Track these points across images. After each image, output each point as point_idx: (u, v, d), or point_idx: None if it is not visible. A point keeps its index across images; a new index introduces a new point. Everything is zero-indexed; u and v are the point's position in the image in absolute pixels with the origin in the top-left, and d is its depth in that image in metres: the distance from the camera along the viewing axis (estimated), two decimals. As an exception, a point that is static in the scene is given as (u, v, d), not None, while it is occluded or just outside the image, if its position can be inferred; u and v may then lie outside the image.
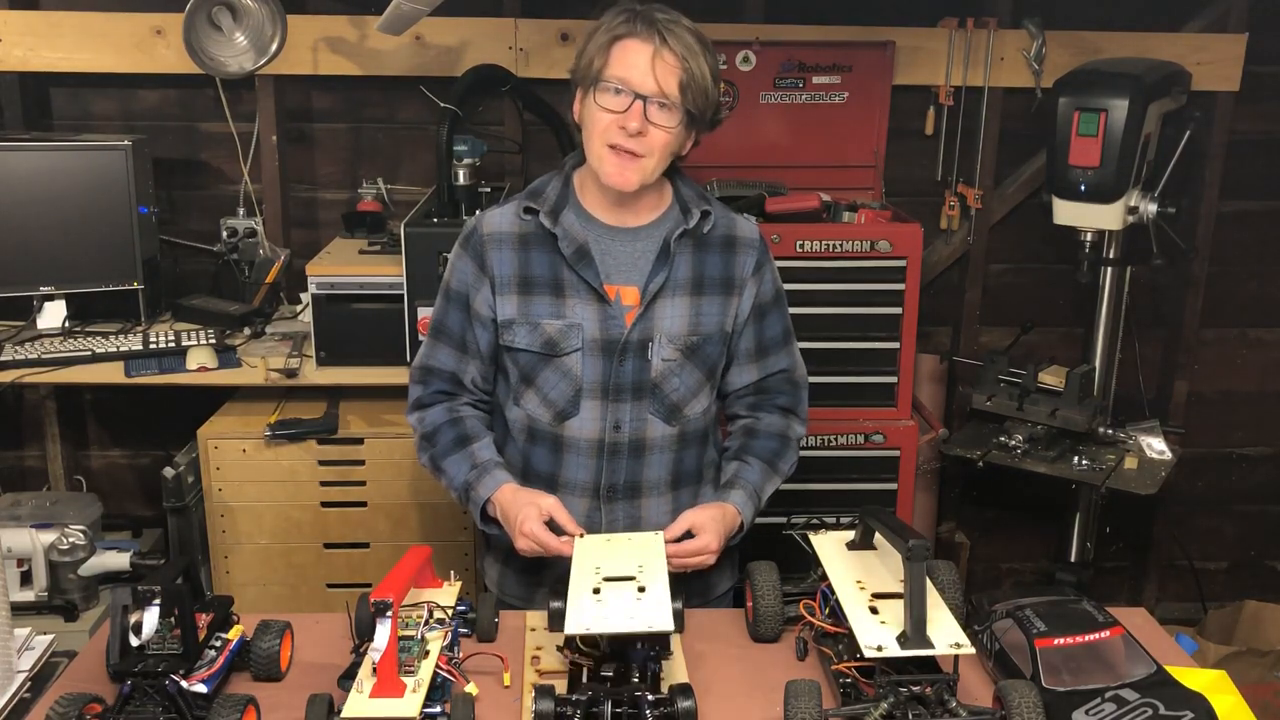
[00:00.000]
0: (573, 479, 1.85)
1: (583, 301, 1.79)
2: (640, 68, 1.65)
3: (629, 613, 1.37)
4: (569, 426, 1.82)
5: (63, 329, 2.85)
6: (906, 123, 3.16)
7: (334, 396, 2.81)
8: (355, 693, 1.36)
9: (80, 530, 2.63)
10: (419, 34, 2.97)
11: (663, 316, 1.80)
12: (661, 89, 1.66)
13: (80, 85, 3.09)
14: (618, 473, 1.84)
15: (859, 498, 2.73)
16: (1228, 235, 3.32)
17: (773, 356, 1.91)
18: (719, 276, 1.84)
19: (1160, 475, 2.81)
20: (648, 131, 1.68)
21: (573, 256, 1.78)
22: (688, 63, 1.66)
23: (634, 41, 1.66)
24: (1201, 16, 3.14)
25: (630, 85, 1.66)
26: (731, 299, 1.85)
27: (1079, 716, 1.38)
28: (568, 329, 1.78)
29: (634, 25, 1.66)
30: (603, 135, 1.70)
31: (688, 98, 1.68)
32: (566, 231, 1.78)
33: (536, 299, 1.80)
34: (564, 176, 1.85)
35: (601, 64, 1.68)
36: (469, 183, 2.76)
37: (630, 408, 1.81)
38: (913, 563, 1.39)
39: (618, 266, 1.80)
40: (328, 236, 3.10)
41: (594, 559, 1.56)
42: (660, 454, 1.86)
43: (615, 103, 1.68)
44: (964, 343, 3.35)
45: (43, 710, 1.38)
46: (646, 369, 1.80)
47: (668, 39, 1.65)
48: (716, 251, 1.84)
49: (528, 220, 1.81)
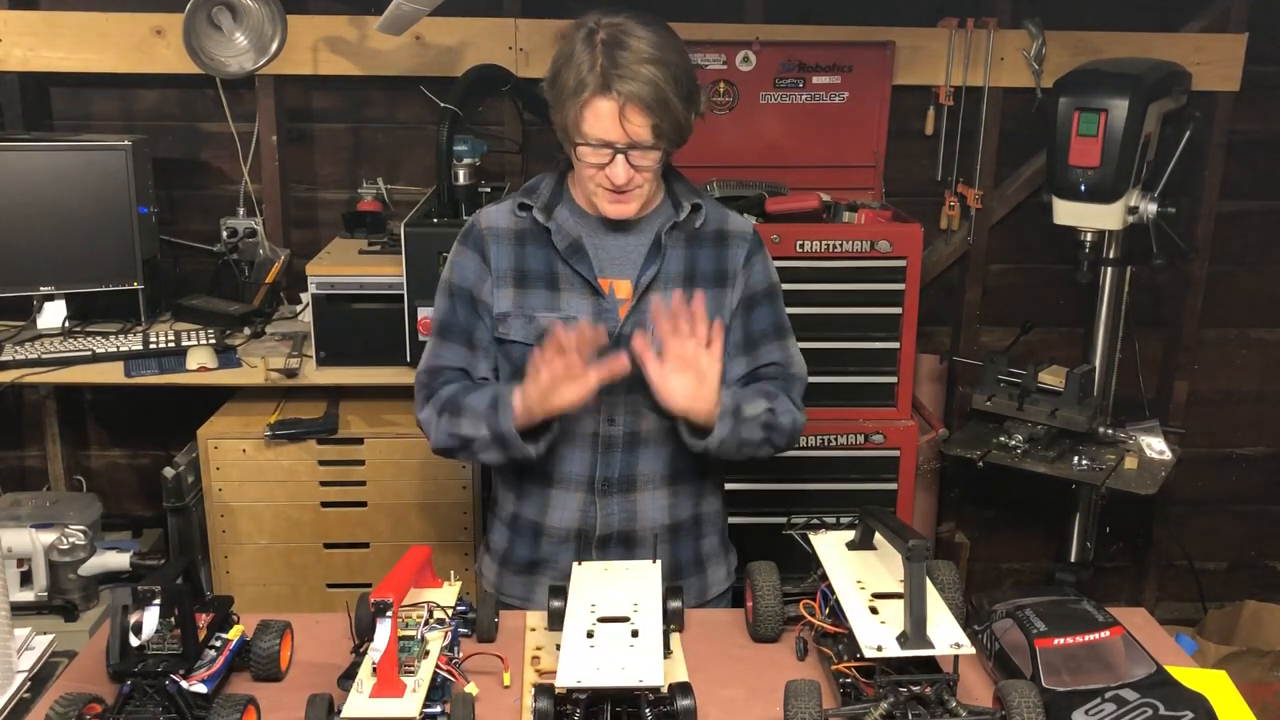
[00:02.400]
0: (568, 473, 1.85)
1: (577, 295, 1.80)
2: (611, 126, 1.67)
3: (620, 663, 1.38)
4: (564, 420, 1.81)
5: (63, 329, 2.85)
6: (906, 123, 3.16)
7: (334, 396, 2.81)
8: (355, 693, 1.36)
9: (80, 530, 2.63)
10: (419, 34, 2.97)
11: (655, 309, 1.80)
12: (634, 139, 1.68)
13: (80, 85, 3.09)
14: (612, 466, 1.84)
15: (859, 498, 2.74)
16: (1228, 235, 3.32)
17: (763, 349, 1.89)
18: (711, 270, 1.85)
19: (1160, 475, 2.81)
20: (633, 175, 1.72)
21: (567, 250, 1.80)
22: (654, 109, 1.66)
23: (599, 101, 1.66)
24: (1201, 16, 3.14)
25: (606, 141, 1.69)
26: (724, 291, 1.85)
27: (1079, 716, 1.38)
28: (562, 321, 1.78)
29: (595, 77, 1.64)
30: (593, 180, 1.74)
31: (662, 136, 1.69)
32: (560, 226, 1.81)
33: (532, 292, 1.81)
34: (558, 174, 1.87)
35: (576, 122, 1.70)
36: (469, 183, 2.76)
37: (624, 400, 1.81)
38: (913, 563, 1.39)
39: (611, 260, 1.82)
40: (328, 236, 3.10)
41: (589, 593, 1.55)
42: (656, 447, 1.85)
43: (597, 157, 1.71)
44: (964, 343, 3.35)
45: (43, 710, 1.38)
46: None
47: (629, 91, 1.64)
48: (709, 245, 1.85)
49: (523, 216, 1.83)
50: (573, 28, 1.71)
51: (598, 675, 1.36)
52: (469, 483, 2.72)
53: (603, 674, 1.36)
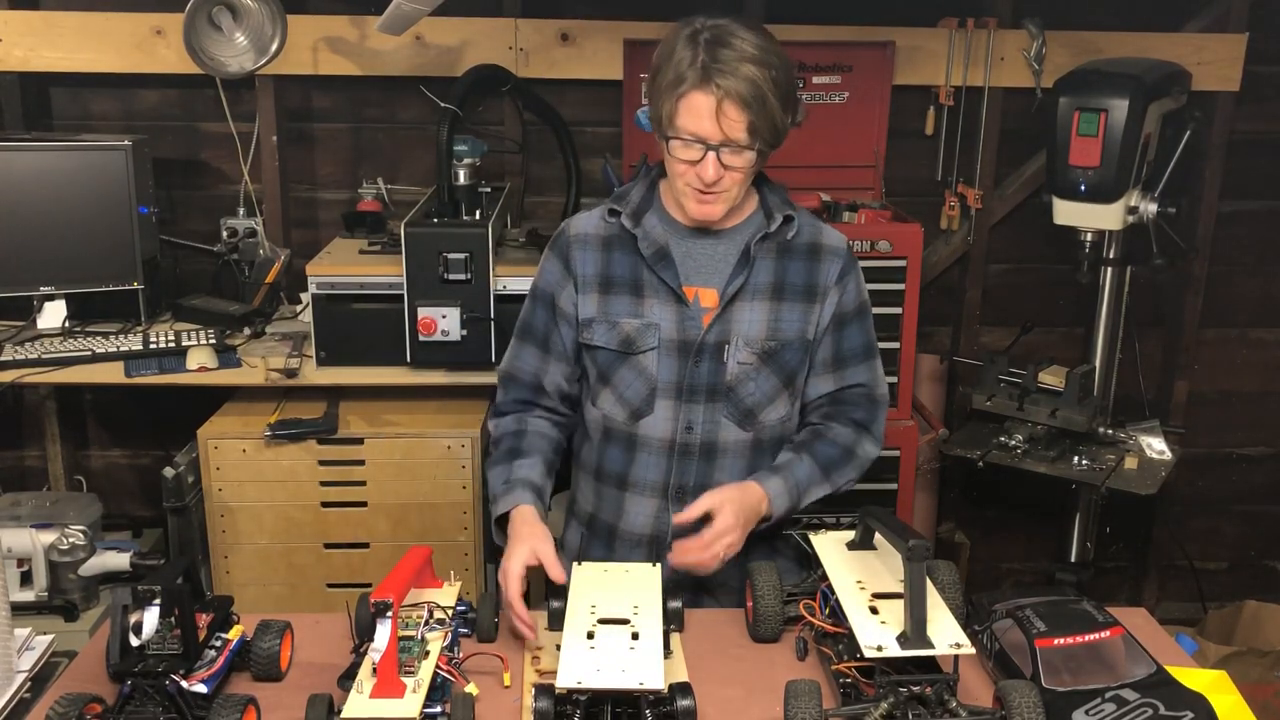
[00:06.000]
0: (642, 478, 1.86)
1: (661, 302, 1.80)
2: (706, 122, 1.66)
3: (621, 665, 1.38)
4: (642, 425, 1.83)
5: (63, 329, 2.85)
6: (906, 123, 3.16)
7: (334, 396, 2.81)
8: (355, 693, 1.36)
9: (80, 530, 2.63)
10: (419, 34, 2.97)
11: (740, 320, 1.80)
12: (730, 138, 1.67)
13: (80, 85, 3.09)
14: (687, 474, 1.84)
15: (859, 498, 2.72)
16: (1228, 235, 3.32)
17: (851, 369, 1.89)
18: (801, 284, 1.83)
19: (1160, 475, 2.81)
20: (723, 175, 1.70)
21: (652, 257, 1.79)
22: (752, 107, 1.65)
23: (697, 95, 1.65)
24: (1201, 16, 3.14)
25: (700, 137, 1.67)
26: (814, 307, 1.84)
27: (1079, 716, 1.38)
28: (645, 328, 1.80)
29: (695, 72, 1.64)
30: (682, 178, 1.73)
31: (757, 138, 1.68)
32: (647, 233, 1.81)
33: (616, 298, 1.82)
34: (649, 180, 1.87)
35: (671, 115, 1.69)
36: (469, 183, 2.76)
37: (704, 409, 1.81)
38: (913, 563, 1.39)
39: (698, 268, 1.81)
40: (328, 236, 3.10)
41: (590, 594, 1.55)
42: (733, 459, 1.85)
43: (688, 153, 1.70)
44: (964, 343, 3.35)
45: (43, 710, 1.38)
46: (721, 371, 1.80)
47: (729, 87, 1.63)
48: (801, 258, 1.84)
49: (612, 223, 1.84)
50: (676, 27, 1.70)
51: (598, 676, 1.36)
52: (469, 483, 2.72)
53: (603, 675, 1.37)
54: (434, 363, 2.68)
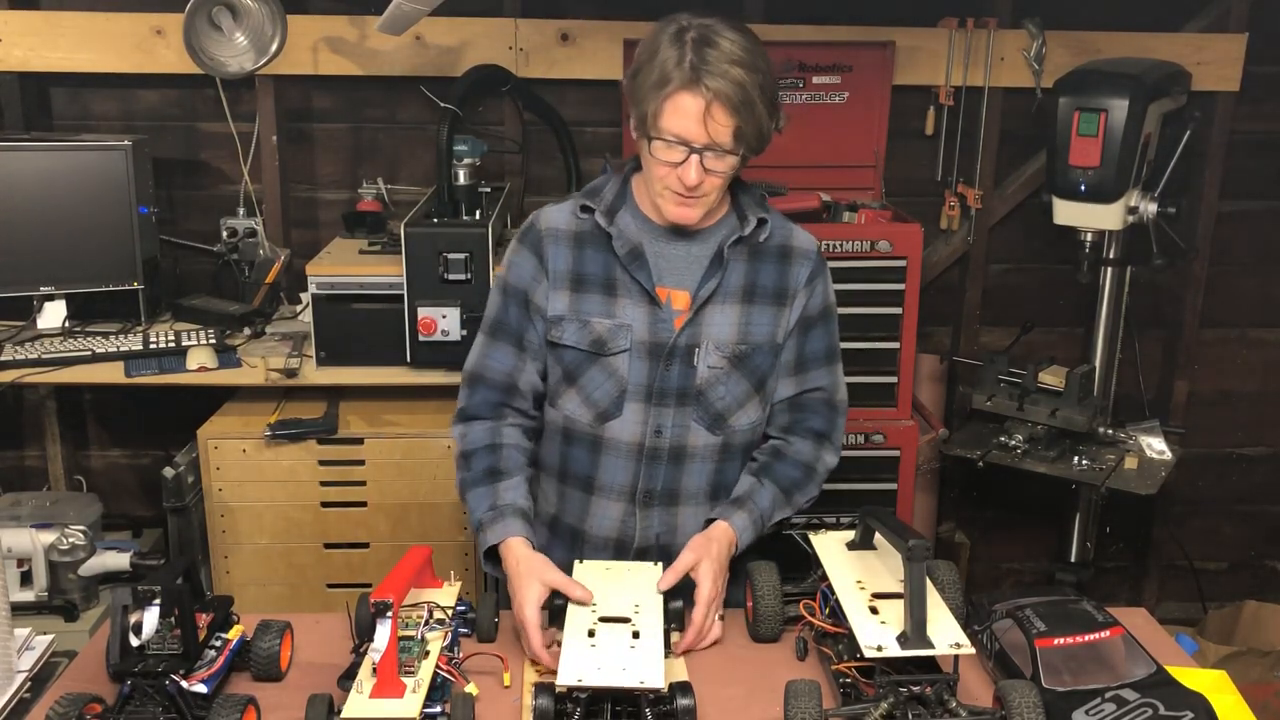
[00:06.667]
0: (610, 481, 1.83)
1: (634, 302, 1.77)
2: (693, 123, 1.63)
3: (621, 663, 1.38)
4: (610, 428, 1.80)
5: (63, 329, 2.85)
6: (906, 123, 3.16)
7: (334, 396, 2.81)
8: (355, 693, 1.36)
9: (80, 530, 2.63)
10: (419, 34, 2.97)
11: (711, 323, 1.78)
12: (715, 141, 1.64)
13: (80, 85, 3.09)
14: (655, 478, 1.82)
15: (859, 498, 2.72)
16: (1228, 235, 3.32)
17: (812, 372, 1.87)
18: (772, 286, 1.81)
19: (1160, 475, 2.81)
20: (704, 179, 1.67)
21: (626, 257, 1.76)
22: (740, 112, 1.62)
23: (685, 96, 1.62)
24: (1201, 16, 3.14)
25: (684, 139, 1.64)
26: (783, 310, 1.82)
27: (1079, 716, 1.38)
28: (617, 329, 1.77)
29: (683, 72, 1.61)
30: (661, 181, 1.70)
31: (742, 143, 1.66)
32: (621, 232, 1.77)
33: (588, 296, 1.78)
34: (622, 177, 1.84)
35: (655, 115, 1.65)
36: (469, 183, 2.76)
37: (673, 413, 1.79)
38: (913, 563, 1.39)
39: (671, 269, 1.79)
40: (328, 236, 3.10)
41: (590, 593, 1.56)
42: (701, 463, 1.83)
43: (671, 155, 1.66)
44: (964, 343, 3.35)
45: (43, 710, 1.38)
46: (692, 375, 1.78)
47: (718, 89, 1.60)
48: (772, 261, 1.81)
49: (584, 218, 1.80)
50: (660, 26, 1.67)
51: (599, 675, 1.37)
52: (469, 483, 2.72)
53: (604, 674, 1.37)
54: (434, 363, 2.68)
